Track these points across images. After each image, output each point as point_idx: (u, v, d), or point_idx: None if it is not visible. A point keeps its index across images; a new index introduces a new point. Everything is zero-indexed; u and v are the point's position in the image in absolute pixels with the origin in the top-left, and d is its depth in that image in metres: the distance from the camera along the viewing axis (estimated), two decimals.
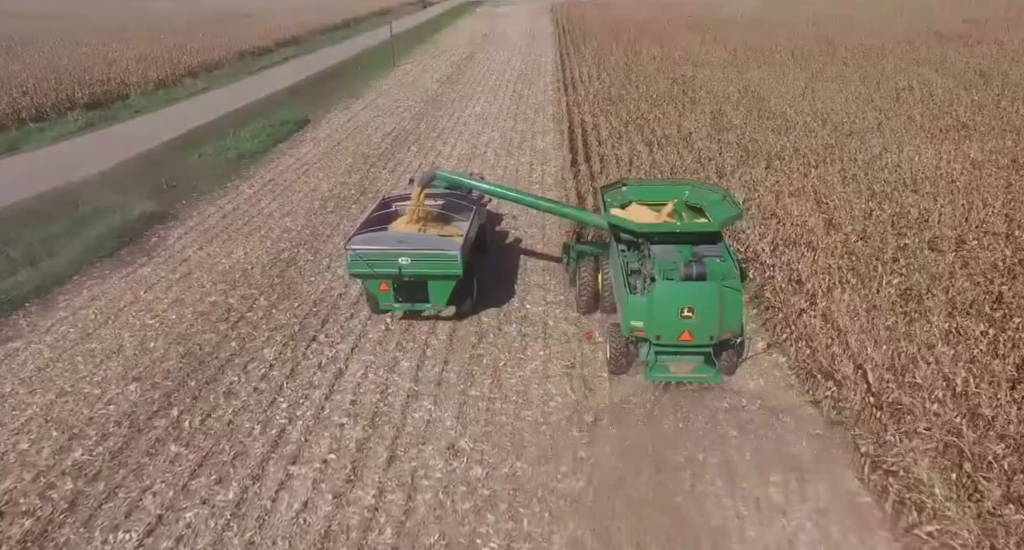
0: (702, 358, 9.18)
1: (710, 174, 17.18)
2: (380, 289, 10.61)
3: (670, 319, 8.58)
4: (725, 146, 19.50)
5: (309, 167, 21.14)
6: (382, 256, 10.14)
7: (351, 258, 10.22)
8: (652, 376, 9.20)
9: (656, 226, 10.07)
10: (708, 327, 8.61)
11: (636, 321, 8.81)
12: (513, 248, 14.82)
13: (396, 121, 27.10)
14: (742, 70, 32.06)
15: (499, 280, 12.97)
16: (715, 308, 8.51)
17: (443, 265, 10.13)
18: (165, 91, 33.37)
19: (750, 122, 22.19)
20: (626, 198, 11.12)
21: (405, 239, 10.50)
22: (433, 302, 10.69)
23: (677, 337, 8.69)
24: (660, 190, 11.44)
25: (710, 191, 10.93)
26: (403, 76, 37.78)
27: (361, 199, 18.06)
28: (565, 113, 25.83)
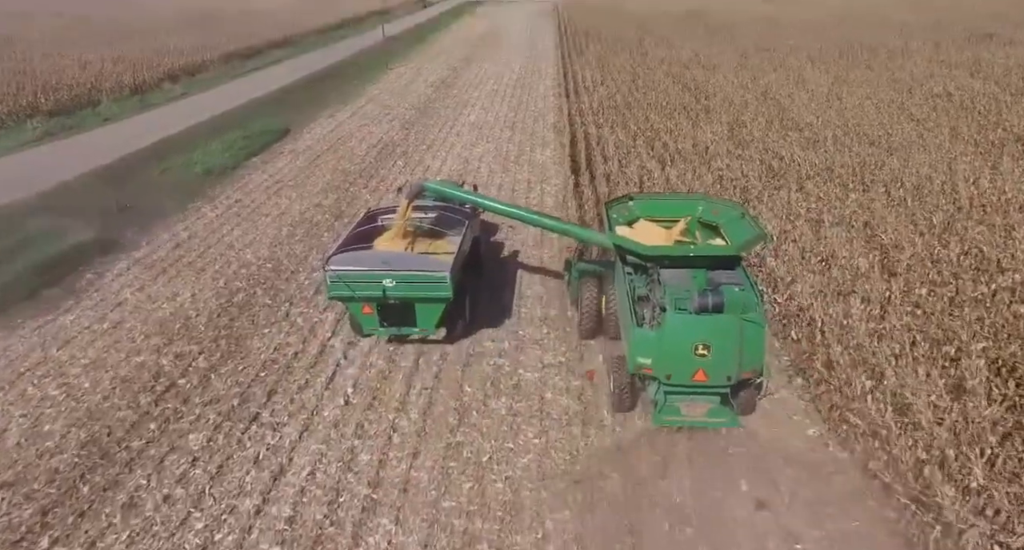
0: (718, 398, 8.17)
1: (735, 198, 14.99)
2: (363, 312, 9.80)
3: (682, 357, 7.63)
4: (747, 163, 17.30)
5: (282, 185, 19.01)
6: (364, 277, 9.33)
7: (331, 280, 9.39)
8: (660, 420, 8.18)
9: (666, 249, 8.98)
10: (726, 366, 7.65)
11: (643, 358, 7.79)
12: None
13: (384, 131, 24.97)
14: (756, 73, 29.87)
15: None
16: (734, 345, 7.55)
17: (431, 287, 9.34)
18: (140, 97, 31.26)
19: (772, 133, 20.00)
20: (633, 214, 10.06)
21: (390, 259, 9.64)
22: (421, 326, 9.86)
23: (690, 377, 7.74)
24: (671, 205, 10.32)
25: (727, 207, 9.74)
26: (396, 80, 35.66)
27: (335, 225, 15.92)
28: (567, 123, 23.65)
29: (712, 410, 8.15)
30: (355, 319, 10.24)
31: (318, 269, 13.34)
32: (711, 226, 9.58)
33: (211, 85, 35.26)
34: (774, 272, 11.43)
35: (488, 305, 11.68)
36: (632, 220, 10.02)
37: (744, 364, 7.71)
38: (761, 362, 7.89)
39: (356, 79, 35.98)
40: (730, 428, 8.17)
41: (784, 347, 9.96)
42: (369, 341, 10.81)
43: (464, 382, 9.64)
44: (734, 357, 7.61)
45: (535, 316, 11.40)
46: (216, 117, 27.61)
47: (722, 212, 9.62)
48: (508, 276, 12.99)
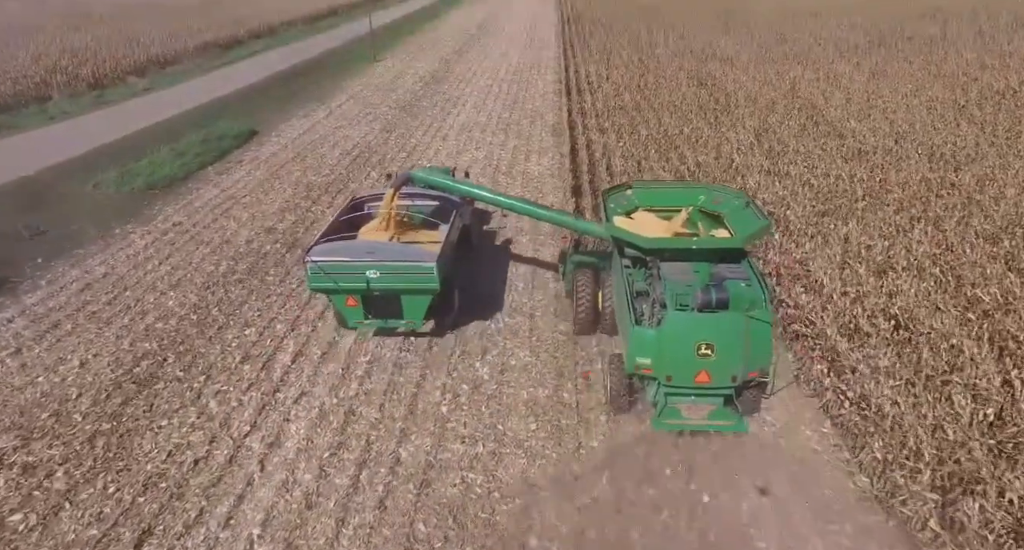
0: (721, 400, 7.67)
1: (780, 238, 12.21)
2: (347, 304, 9.43)
3: (684, 357, 7.22)
4: (782, 180, 14.47)
5: (234, 203, 16.22)
6: (347, 268, 8.97)
7: (311, 271, 9.01)
8: (661, 424, 7.71)
9: (666, 242, 8.48)
10: (730, 367, 7.24)
11: (642, 358, 7.35)
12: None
13: (362, 133, 22.11)
14: (780, 67, 26.88)
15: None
16: (739, 344, 7.14)
17: (417, 278, 9.01)
18: (98, 92, 28.44)
19: (807, 141, 17.12)
20: (632, 204, 9.58)
21: (374, 249, 9.25)
22: (408, 318, 9.56)
23: (692, 379, 7.32)
24: (672, 193, 9.80)
25: (731, 196, 9.25)
26: (383, 73, 32.70)
27: (287, 257, 13.18)
28: (566, 128, 20.73)
29: (716, 412, 7.60)
30: (339, 311, 9.69)
31: (252, 324, 10.67)
32: (714, 216, 9.05)
33: (181, 79, 32.36)
34: (835, 346, 8.65)
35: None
36: (631, 210, 9.45)
37: (750, 364, 7.22)
38: (768, 362, 7.32)
39: (339, 73, 33.04)
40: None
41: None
42: (306, 428, 8.17)
43: (417, 516, 6.94)
44: (739, 357, 7.13)
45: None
46: (177, 116, 24.79)
47: (725, 201, 9.08)
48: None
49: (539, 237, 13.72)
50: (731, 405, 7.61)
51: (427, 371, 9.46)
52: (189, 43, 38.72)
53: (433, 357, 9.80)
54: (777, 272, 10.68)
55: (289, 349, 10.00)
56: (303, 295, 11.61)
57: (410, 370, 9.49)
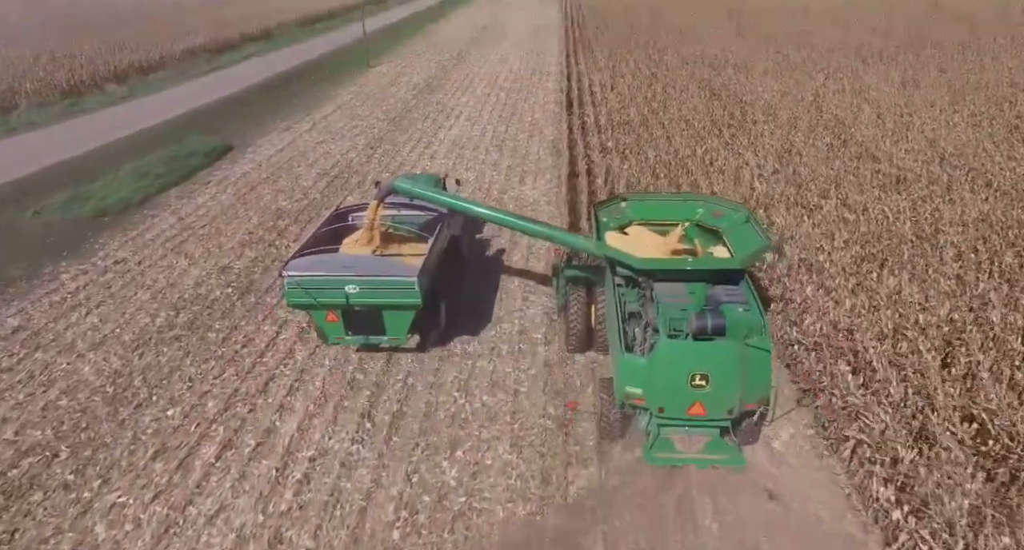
0: (717, 431, 7.08)
1: (810, 282, 10.27)
2: (328, 320, 9.09)
3: (677, 388, 6.66)
4: (813, 215, 12.51)
5: (191, 234, 14.42)
6: (325, 283, 8.69)
7: (288, 286, 8.73)
8: (653, 458, 7.09)
9: (659, 262, 8.03)
10: (726, 399, 6.67)
11: (632, 388, 6.81)
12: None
13: (343, 150, 20.31)
14: (800, 76, 24.88)
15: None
16: (736, 375, 6.57)
17: (399, 294, 8.66)
18: (72, 101, 26.74)
19: (836, 164, 15.15)
20: (626, 217, 9.19)
21: (352, 263, 8.96)
22: (391, 335, 9.21)
23: (686, 410, 6.79)
24: (668, 206, 9.36)
25: (730, 209, 8.87)
26: (375, 80, 30.91)
27: (237, 306, 11.36)
28: (566, 148, 18.79)
29: (711, 444, 7.16)
30: (319, 328, 9.30)
31: (178, 401, 8.86)
32: (712, 231, 8.64)
33: (163, 86, 30.68)
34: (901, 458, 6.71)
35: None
36: (625, 224, 9.03)
37: (748, 396, 6.78)
38: (768, 392, 6.87)
39: (330, 80, 31.28)
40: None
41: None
42: None
43: None
44: (736, 388, 6.69)
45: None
46: (149, 129, 23.04)
47: (725, 215, 8.65)
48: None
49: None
50: (728, 436, 7.11)
51: (382, 473, 7.61)
52: (176, 47, 37.05)
53: (391, 451, 7.95)
54: (817, 344, 8.75)
55: (216, 438, 8.17)
56: (246, 360, 9.78)
57: (361, 471, 7.64)
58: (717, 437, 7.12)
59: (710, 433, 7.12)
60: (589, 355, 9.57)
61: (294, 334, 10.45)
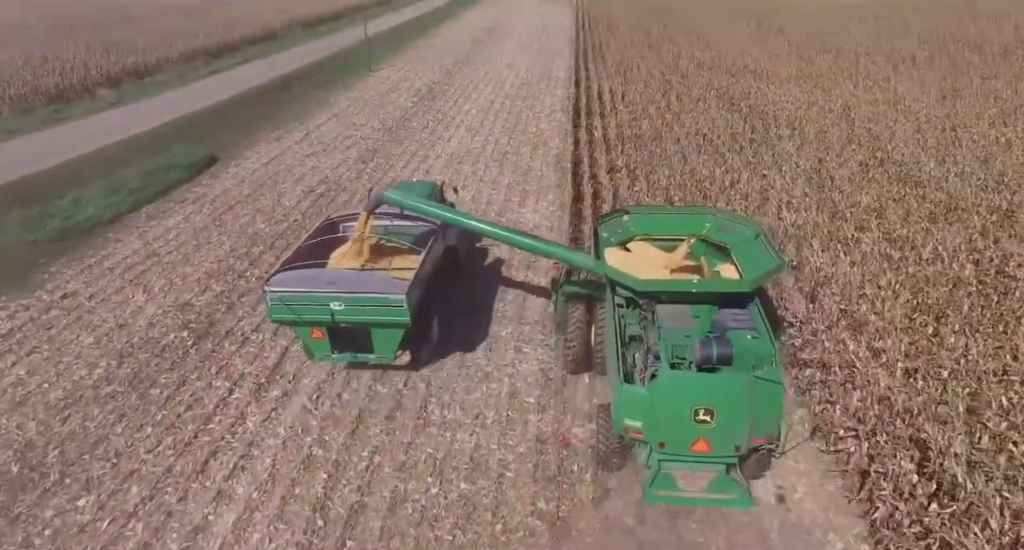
0: (723, 467, 6.59)
1: (858, 344, 8.69)
2: (313, 337, 8.64)
3: (679, 422, 6.15)
4: (852, 251, 10.92)
5: (155, 262, 13.07)
6: (309, 300, 8.22)
7: (271, 302, 8.29)
8: (652, 497, 6.60)
9: (662, 284, 7.40)
10: (733, 435, 6.17)
11: (631, 420, 6.31)
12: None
13: (333, 164, 18.93)
14: (827, 83, 23.16)
15: None
16: (744, 410, 6.04)
17: (386, 311, 8.17)
18: (56, 107, 25.58)
19: (874, 188, 13.51)
20: (628, 232, 8.60)
21: (338, 279, 8.42)
22: (379, 353, 8.71)
23: (688, 447, 6.30)
24: (673, 221, 8.75)
25: (739, 225, 8.27)
26: (376, 86, 29.54)
27: (191, 354, 9.98)
28: (570, 164, 17.24)
29: (717, 482, 6.56)
30: (305, 344, 8.98)
31: (95, 485, 7.46)
32: (720, 247, 8.17)
33: (157, 91, 29.48)
34: None
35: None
36: (628, 239, 8.62)
37: (757, 431, 6.19)
38: (778, 428, 6.32)
39: (329, 85, 29.97)
40: None
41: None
42: None
43: None
44: (744, 424, 6.10)
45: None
46: (132, 138, 21.78)
47: (733, 231, 8.20)
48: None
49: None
50: (735, 472, 6.63)
51: None
52: (175, 49, 35.94)
53: None
54: (871, 433, 7.17)
55: (131, 540, 6.76)
56: (188, 427, 8.38)
57: None
58: (723, 473, 6.60)
59: (716, 469, 6.64)
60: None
61: (249, 393, 9.04)
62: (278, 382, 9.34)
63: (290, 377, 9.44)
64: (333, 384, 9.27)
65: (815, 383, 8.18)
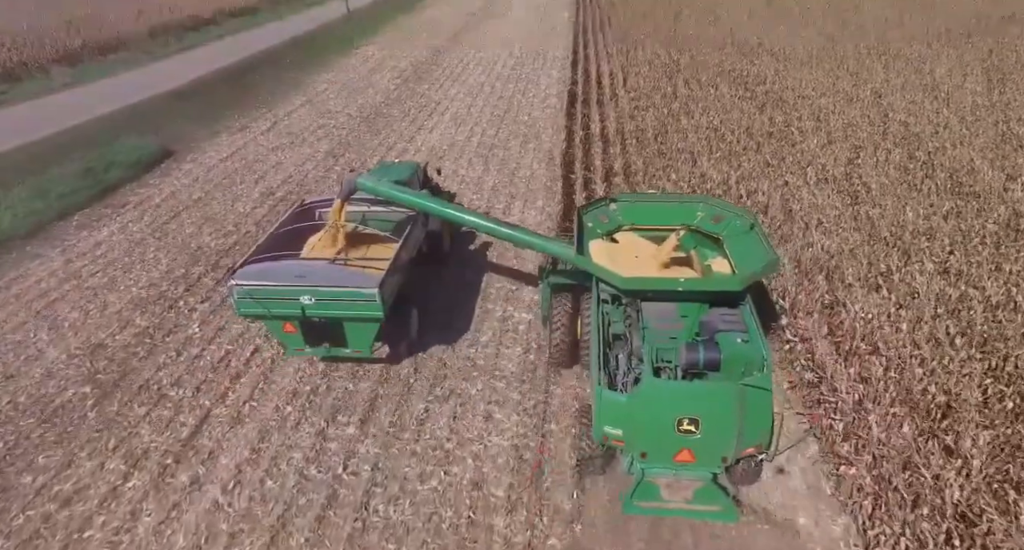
0: (709, 476, 6.25)
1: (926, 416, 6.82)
2: (285, 331, 8.28)
3: (661, 432, 5.86)
4: (899, 290, 8.98)
5: (73, 287, 11.17)
6: (277, 294, 7.85)
7: (238, 296, 7.88)
8: (632, 507, 6.27)
9: (646, 282, 7.01)
10: (719, 446, 5.89)
11: (611, 428, 6.01)
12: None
13: (301, 159, 16.89)
14: (854, 67, 20.83)
15: None
16: (731, 420, 5.72)
17: (358, 306, 7.76)
18: (2, 88, 23.38)
19: (921, 202, 11.45)
20: (615, 222, 8.26)
21: (306, 272, 8.00)
22: (353, 347, 8.35)
23: (671, 457, 6.04)
24: (663, 209, 8.28)
25: (733, 215, 7.88)
26: (358, 66, 27.23)
27: (92, 416, 8.15)
28: (561, 167, 15.11)
29: (702, 492, 6.24)
30: (278, 339, 8.61)
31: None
32: (713, 237, 7.85)
33: (118, 70, 27.18)
34: None
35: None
36: (615, 229, 8.23)
37: (744, 441, 5.89)
38: (768, 437, 5.95)
39: (308, 64, 27.66)
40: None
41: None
42: None
43: None
44: (731, 434, 5.81)
45: None
46: (76, 128, 19.62)
47: (726, 221, 7.85)
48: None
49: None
50: (723, 480, 6.37)
51: None
52: (145, 23, 33.43)
53: None
54: None
55: None
56: (56, 536, 6.58)
57: None
58: (709, 482, 6.27)
59: (702, 477, 6.30)
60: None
61: (150, 480, 7.23)
62: (190, 460, 7.55)
63: (205, 454, 7.64)
64: (257, 465, 7.46)
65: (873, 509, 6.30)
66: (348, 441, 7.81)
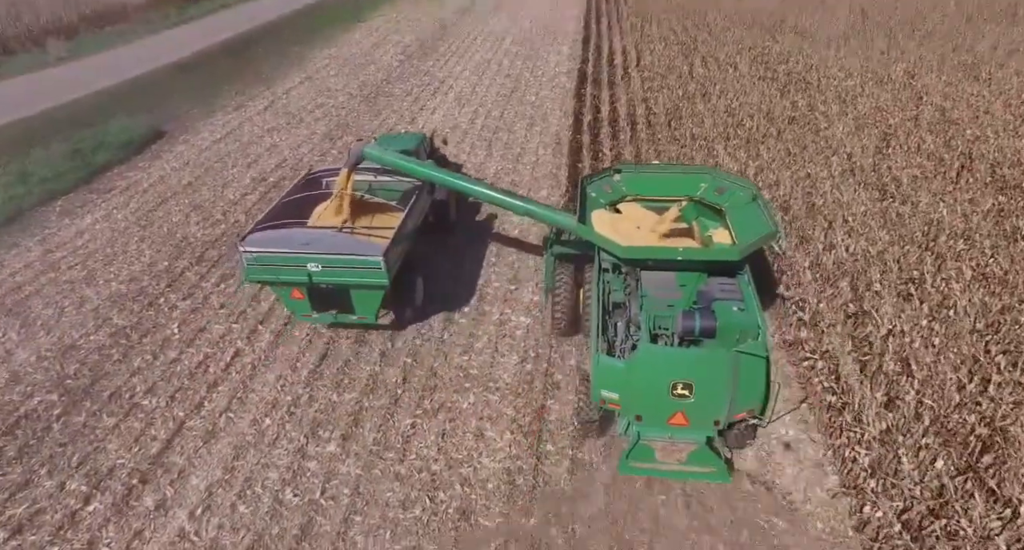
0: (703, 439, 6.41)
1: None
2: (293, 297, 8.50)
3: (656, 396, 6.09)
4: (933, 291, 8.18)
5: (50, 281, 10.62)
6: (285, 260, 8.07)
7: (247, 261, 8.13)
8: (628, 468, 6.56)
9: (646, 251, 7.24)
10: (712, 410, 6.11)
11: (608, 392, 6.27)
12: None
13: (296, 141, 16.16)
14: (884, 45, 19.50)
15: None
16: (724, 385, 5.94)
17: (363, 273, 7.99)
18: None
19: (956, 196, 10.52)
20: (619, 192, 8.46)
21: (313, 240, 8.23)
22: (360, 314, 8.54)
23: (666, 420, 6.28)
24: (667, 180, 8.44)
25: (737, 186, 7.97)
26: (360, 41, 26.23)
27: (56, 428, 7.65)
28: (567, 157, 14.21)
29: (696, 454, 6.41)
30: (286, 304, 8.82)
31: None
32: (715, 209, 7.93)
33: (115, 43, 26.38)
34: None
35: None
36: (617, 199, 8.41)
37: (738, 406, 6.07)
38: (761, 401, 6.10)
39: (311, 37, 26.70)
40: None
41: None
42: None
43: None
44: (723, 399, 6.00)
45: None
46: (66, 105, 18.95)
47: (729, 192, 7.89)
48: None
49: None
50: (716, 443, 6.49)
51: None
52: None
53: None
54: None
55: None
56: None
57: None
58: (703, 445, 6.43)
59: (696, 440, 6.46)
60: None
61: (112, 503, 6.72)
62: (158, 481, 7.02)
63: (175, 473, 7.11)
64: (230, 487, 6.93)
65: None
66: (328, 460, 7.25)
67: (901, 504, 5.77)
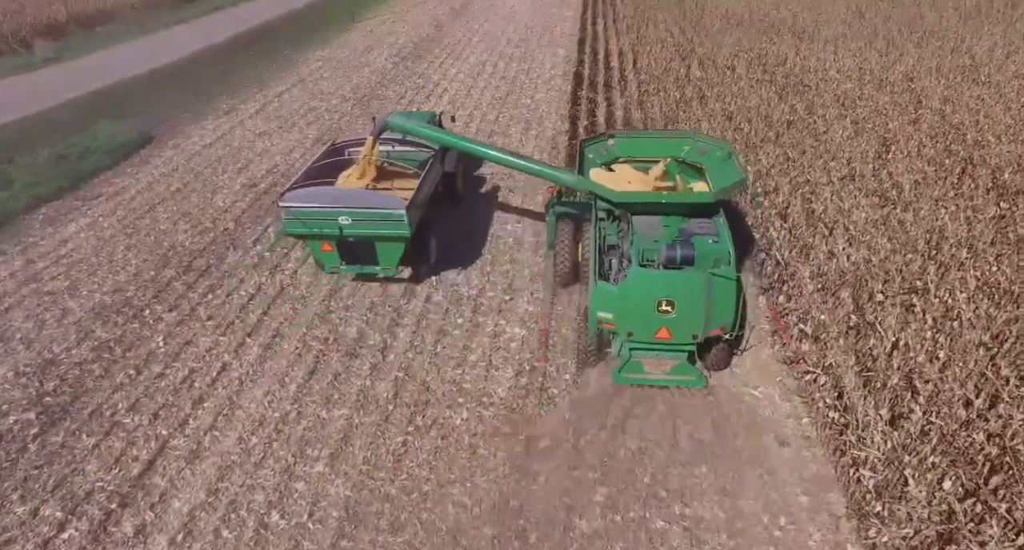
0: (684, 355, 7.68)
1: None
2: (323, 250, 9.66)
3: (644, 313, 7.29)
4: (935, 303, 7.98)
5: (32, 291, 10.31)
6: (320, 214, 9.18)
7: (285, 216, 9.27)
8: (621, 378, 7.76)
9: (635, 195, 8.65)
10: (690, 324, 7.32)
11: (604, 313, 7.43)
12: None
13: (288, 146, 15.90)
14: (883, 46, 19.30)
15: None
16: (700, 302, 7.19)
17: (388, 225, 9.14)
18: None
19: (956, 203, 10.33)
20: (612, 154, 9.69)
21: (343, 197, 9.40)
22: (383, 265, 9.74)
23: (653, 334, 7.42)
24: (655, 144, 9.74)
25: (715, 147, 9.24)
26: (355, 42, 25.95)
27: (34, 447, 7.37)
28: (563, 165, 14.02)
29: (677, 368, 7.67)
30: (316, 257, 10.01)
31: None
32: (697, 167, 9.14)
33: (105, 44, 26.03)
34: None
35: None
36: (611, 160, 9.61)
37: (712, 321, 7.30)
38: (731, 319, 7.32)
39: (306, 38, 26.40)
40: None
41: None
42: None
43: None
44: (700, 314, 7.23)
45: None
46: (52, 110, 18.56)
47: (709, 152, 9.14)
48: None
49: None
50: (694, 360, 7.76)
51: None
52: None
53: None
54: None
55: None
56: None
57: None
58: (684, 361, 7.61)
59: (678, 357, 7.60)
60: None
61: (87, 530, 6.45)
62: (138, 504, 6.77)
63: (156, 496, 6.86)
64: (214, 510, 6.67)
65: None
66: (317, 480, 7.00)
67: (911, 531, 5.55)
